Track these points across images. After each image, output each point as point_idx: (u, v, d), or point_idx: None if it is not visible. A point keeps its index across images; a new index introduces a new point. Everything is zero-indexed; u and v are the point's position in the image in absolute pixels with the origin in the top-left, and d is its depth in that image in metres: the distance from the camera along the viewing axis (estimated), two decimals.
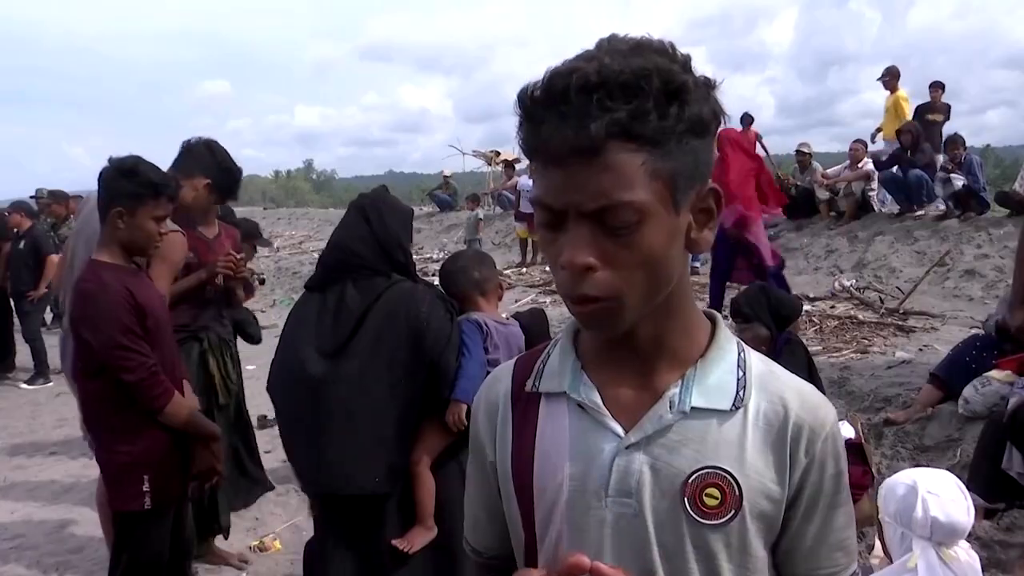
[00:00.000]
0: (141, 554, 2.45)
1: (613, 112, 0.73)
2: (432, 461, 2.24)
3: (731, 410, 0.86)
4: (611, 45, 0.78)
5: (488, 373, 2.20)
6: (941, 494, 1.90)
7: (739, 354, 0.90)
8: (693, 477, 0.84)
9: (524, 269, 10.90)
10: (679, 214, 0.80)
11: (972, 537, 2.60)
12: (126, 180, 2.37)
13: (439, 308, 2.24)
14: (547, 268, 10.65)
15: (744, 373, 0.88)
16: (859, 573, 0.95)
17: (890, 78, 10.01)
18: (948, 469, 3.48)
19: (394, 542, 2.19)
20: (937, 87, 9.99)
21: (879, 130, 10.51)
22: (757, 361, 0.91)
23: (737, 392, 0.87)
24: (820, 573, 0.90)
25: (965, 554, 1.90)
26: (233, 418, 3.47)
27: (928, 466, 3.38)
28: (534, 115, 0.77)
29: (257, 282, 4.92)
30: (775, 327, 3.53)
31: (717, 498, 0.84)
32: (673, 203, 0.79)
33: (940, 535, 1.88)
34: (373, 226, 2.24)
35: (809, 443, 0.86)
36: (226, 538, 3.51)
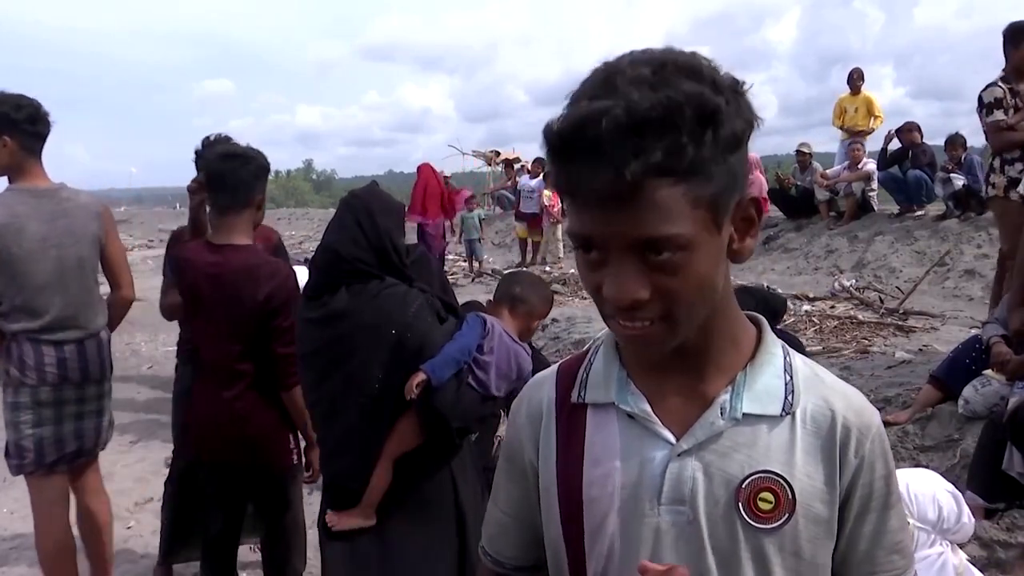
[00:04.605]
0: (298, 513, 2.86)
1: (648, 153, 0.70)
2: (398, 457, 2.21)
3: (781, 415, 0.86)
4: (633, 71, 0.73)
5: (468, 364, 2.19)
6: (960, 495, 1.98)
7: (785, 358, 0.90)
8: (747, 482, 0.84)
9: (524, 269, 10.91)
10: (721, 232, 0.79)
11: (972, 537, 2.60)
12: (264, 176, 2.70)
13: (425, 312, 2.23)
14: (547, 268, 10.67)
15: (791, 377, 0.88)
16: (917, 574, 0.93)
17: (858, 79, 10.01)
18: (948, 469, 3.50)
19: (327, 515, 2.27)
20: None
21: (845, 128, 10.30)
22: (802, 365, 0.91)
23: (786, 397, 0.87)
24: None
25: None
26: None
27: (927, 466, 3.38)
28: (563, 155, 0.74)
29: None
30: None
31: (771, 502, 0.84)
32: (716, 225, 0.77)
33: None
34: (365, 228, 2.22)
35: (858, 444, 0.86)
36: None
